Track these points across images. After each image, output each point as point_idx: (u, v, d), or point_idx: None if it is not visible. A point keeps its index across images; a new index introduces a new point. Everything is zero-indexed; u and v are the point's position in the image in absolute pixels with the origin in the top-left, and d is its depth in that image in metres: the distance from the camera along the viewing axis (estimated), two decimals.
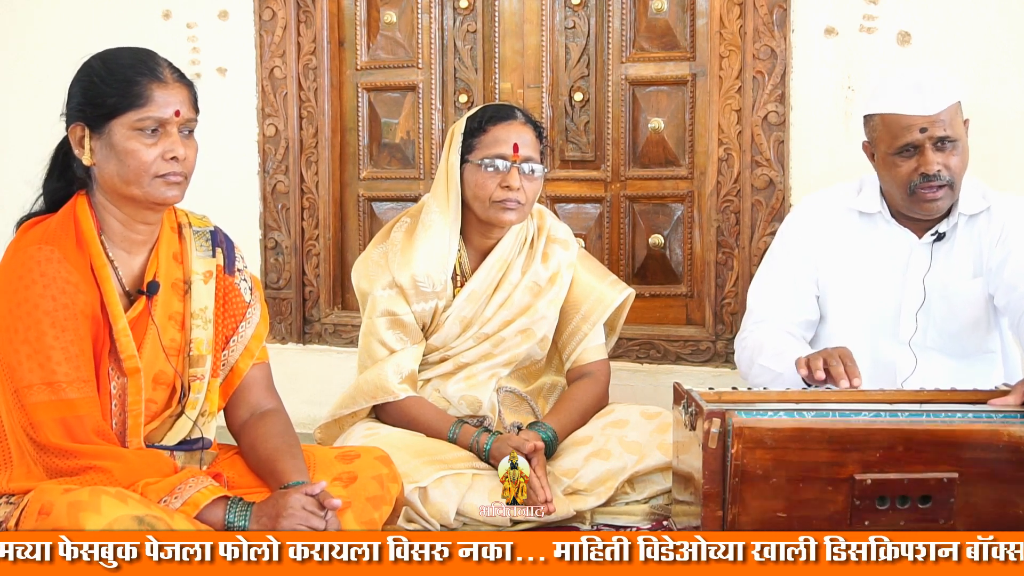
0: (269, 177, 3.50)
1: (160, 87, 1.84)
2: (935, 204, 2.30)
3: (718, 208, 3.09)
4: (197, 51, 3.50)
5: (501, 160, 2.44)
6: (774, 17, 2.97)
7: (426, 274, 2.48)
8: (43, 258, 1.77)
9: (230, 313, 2.02)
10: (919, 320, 2.38)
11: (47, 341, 1.74)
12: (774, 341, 2.38)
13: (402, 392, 2.47)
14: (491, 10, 3.34)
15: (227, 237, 2.07)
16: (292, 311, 3.53)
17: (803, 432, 1.87)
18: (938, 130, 2.24)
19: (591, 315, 2.60)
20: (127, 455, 1.79)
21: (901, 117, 2.26)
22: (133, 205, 1.87)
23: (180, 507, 1.73)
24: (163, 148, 1.83)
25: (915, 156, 2.27)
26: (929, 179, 2.26)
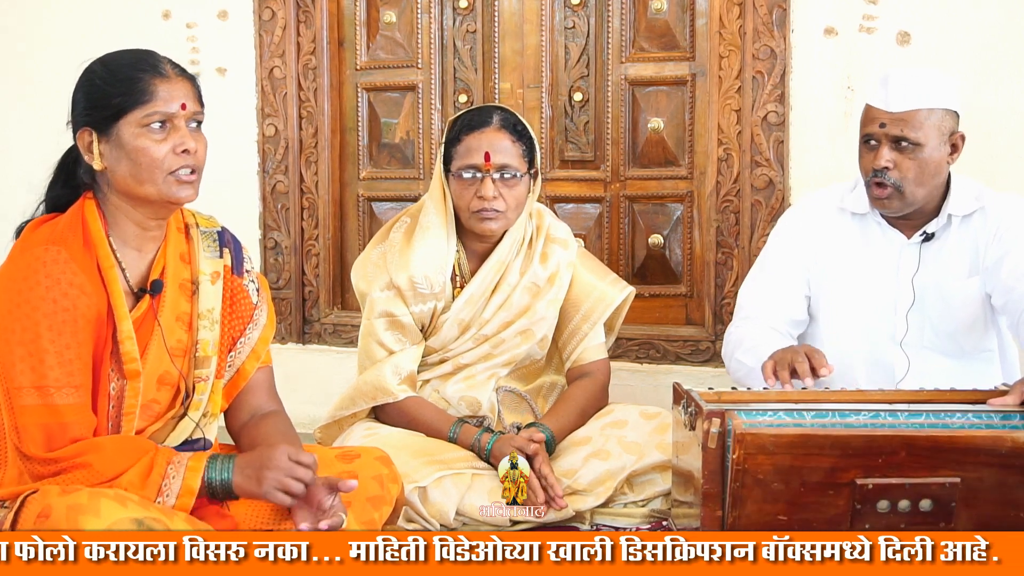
0: (269, 177, 3.50)
1: (163, 82, 1.83)
2: (881, 202, 2.33)
3: (718, 208, 3.09)
4: (197, 51, 3.50)
5: (474, 170, 2.44)
6: (774, 17, 2.97)
7: (424, 276, 2.48)
8: (49, 259, 1.77)
9: (237, 314, 2.02)
10: (910, 320, 2.38)
11: (42, 344, 1.73)
12: (753, 337, 2.38)
13: (401, 393, 2.47)
14: (491, 10, 3.34)
15: (235, 238, 2.06)
16: (292, 311, 3.53)
17: (805, 438, 1.86)
18: (895, 129, 2.25)
19: (592, 314, 2.60)
20: (103, 444, 1.76)
21: (869, 108, 2.32)
22: (147, 205, 1.86)
23: (176, 502, 1.72)
24: (173, 142, 1.82)
25: (875, 150, 2.30)
26: (875, 175, 2.29)
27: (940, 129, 2.27)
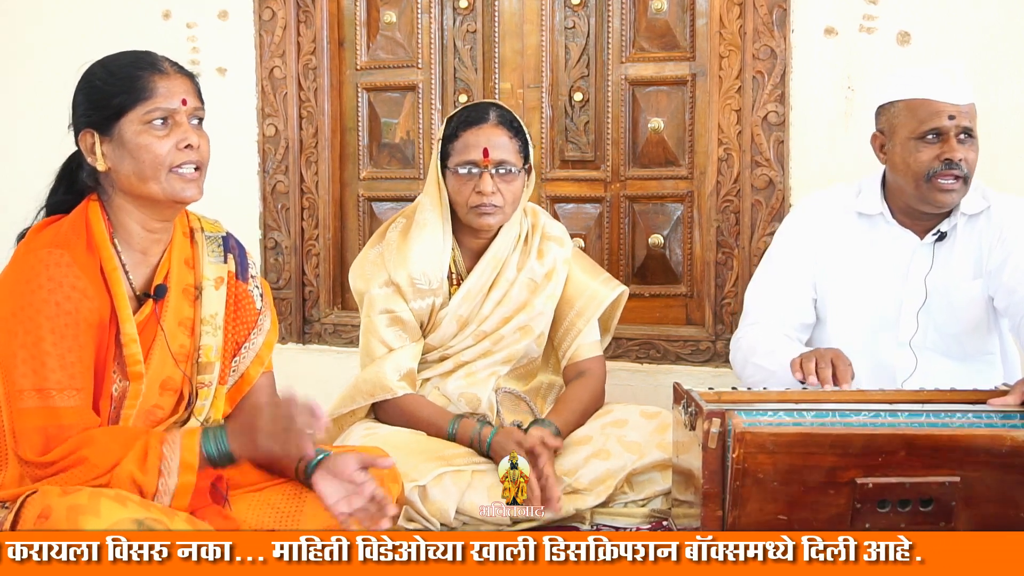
0: (269, 177, 3.50)
1: (162, 78, 1.84)
2: (950, 195, 2.29)
3: (718, 208, 3.09)
4: (197, 51, 3.50)
5: (472, 166, 2.45)
6: (774, 17, 2.97)
7: (422, 271, 2.49)
8: (52, 262, 1.76)
9: (241, 320, 2.02)
10: (920, 320, 2.38)
11: (44, 347, 1.73)
12: (768, 341, 2.38)
13: (400, 390, 2.47)
14: (491, 10, 3.34)
15: (239, 243, 2.06)
16: (292, 311, 3.53)
17: (805, 437, 1.87)
18: (964, 120, 2.27)
19: (585, 311, 2.61)
20: (95, 437, 1.74)
21: (930, 102, 2.27)
22: (152, 206, 1.86)
23: (179, 480, 1.71)
24: (176, 138, 1.82)
25: (938, 143, 2.27)
26: (951, 167, 2.26)
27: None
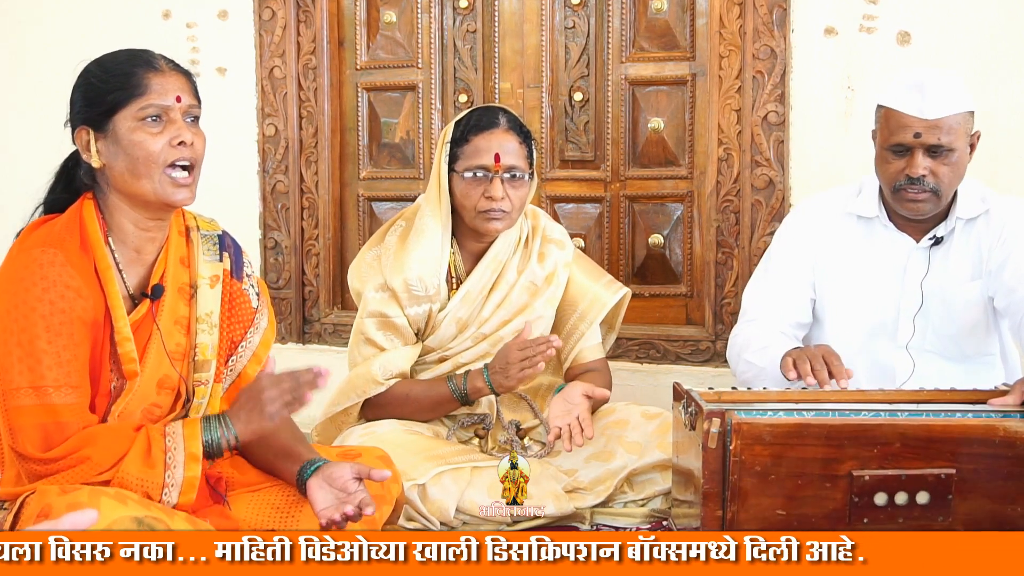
0: (269, 177, 3.50)
1: (157, 75, 1.83)
2: (916, 206, 2.30)
3: (718, 208, 3.09)
4: (197, 51, 3.50)
5: (483, 171, 2.44)
6: (774, 17, 2.97)
7: (419, 278, 2.48)
8: (46, 261, 1.76)
9: (237, 318, 2.01)
10: (917, 324, 2.38)
11: (40, 345, 1.73)
12: (762, 337, 2.38)
13: (388, 382, 2.47)
14: (491, 10, 3.34)
15: (235, 242, 2.06)
16: (292, 311, 3.53)
17: (801, 428, 1.89)
18: (931, 137, 2.22)
19: (588, 314, 2.61)
20: (97, 434, 1.75)
21: (900, 115, 2.25)
22: (145, 205, 1.86)
23: (185, 472, 1.72)
24: (169, 135, 1.82)
25: (904, 157, 2.26)
26: (913, 182, 2.26)
27: (966, 131, 2.26)
